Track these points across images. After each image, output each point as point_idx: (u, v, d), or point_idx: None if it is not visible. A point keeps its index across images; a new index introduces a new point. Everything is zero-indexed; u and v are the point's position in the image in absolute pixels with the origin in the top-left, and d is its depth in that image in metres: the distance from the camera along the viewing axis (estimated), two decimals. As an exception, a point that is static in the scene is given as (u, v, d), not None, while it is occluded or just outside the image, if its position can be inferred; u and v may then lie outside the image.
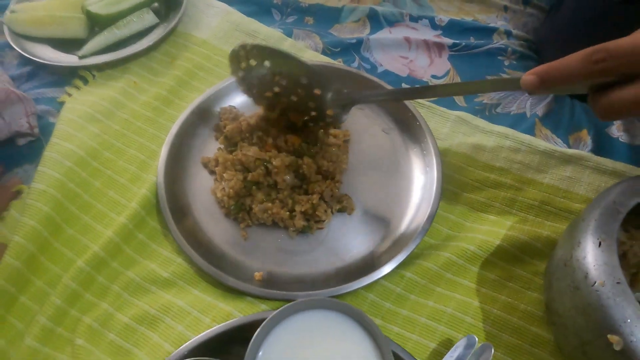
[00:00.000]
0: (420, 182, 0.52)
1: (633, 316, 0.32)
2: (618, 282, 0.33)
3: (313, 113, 0.50)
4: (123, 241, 0.47)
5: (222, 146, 0.55)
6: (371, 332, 0.36)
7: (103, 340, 0.42)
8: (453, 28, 0.68)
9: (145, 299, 0.45)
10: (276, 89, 0.49)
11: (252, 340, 0.35)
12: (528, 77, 0.35)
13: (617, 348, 0.32)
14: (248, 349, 0.34)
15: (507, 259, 0.47)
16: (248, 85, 0.51)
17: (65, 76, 0.62)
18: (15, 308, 0.43)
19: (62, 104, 0.59)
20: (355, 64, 0.64)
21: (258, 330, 0.35)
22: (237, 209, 0.49)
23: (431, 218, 0.48)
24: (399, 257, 0.45)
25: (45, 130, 0.57)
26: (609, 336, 0.32)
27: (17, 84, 0.61)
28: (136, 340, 0.43)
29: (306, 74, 0.46)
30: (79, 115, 0.56)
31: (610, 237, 0.36)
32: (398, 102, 0.57)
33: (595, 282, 0.34)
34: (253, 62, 0.48)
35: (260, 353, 0.36)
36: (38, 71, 0.63)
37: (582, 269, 0.35)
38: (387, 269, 0.45)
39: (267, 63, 0.47)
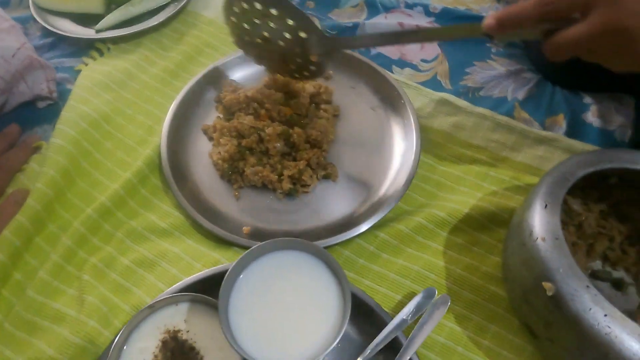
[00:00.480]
0: (400, 152, 0.56)
1: (566, 267, 0.36)
2: (556, 239, 0.37)
3: (298, 60, 0.53)
4: (128, 195, 0.53)
5: (221, 115, 0.60)
6: (336, 274, 0.40)
7: (106, 278, 0.48)
8: (446, 15, 0.72)
9: (144, 245, 0.50)
10: (265, 34, 0.52)
11: (231, 268, 0.40)
12: (488, 20, 0.39)
13: (549, 294, 0.36)
14: (226, 275, 0.39)
15: (474, 226, 0.51)
16: (240, 34, 0.54)
17: (82, 48, 0.67)
18: (31, 247, 0.49)
19: (78, 72, 0.64)
20: (351, 46, 0.69)
21: (236, 260, 0.40)
22: (230, 170, 0.54)
23: (407, 185, 0.52)
24: (374, 218, 0.50)
25: (63, 95, 0.62)
26: (543, 283, 0.36)
27: (40, 53, 0.66)
28: (135, 280, 0.48)
29: (293, 16, 0.49)
30: (94, 83, 0.62)
31: (555, 201, 0.40)
32: (377, 47, 0.66)
33: (537, 238, 0.38)
34: (245, 5, 0.50)
35: (237, 282, 0.41)
36: (58, 42, 0.68)
37: (529, 227, 0.39)
38: (362, 228, 0.49)
39: (257, 5, 0.50)
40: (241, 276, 0.41)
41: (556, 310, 0.36)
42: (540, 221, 0.39)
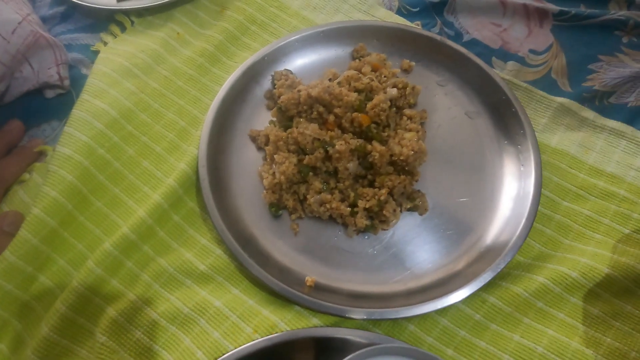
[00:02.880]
0: (513, 184, 0.42)
1: None
2: None
3: None
4: (156, 223, 0.41)
5: (274, 119, 0.47)
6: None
7: (129, 338, 0.37)
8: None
9: (177, 293, 0.39)
10: None
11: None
12: None
13: None
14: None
15: (616, 291, 0.38)
16: None
17: (101, 21, 0.54)
18: (33, 288, 0.38)
19: (96, 53, 0.51)
20: (437, 29, 0.54)
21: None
22: (277, 209, 0.42)
23: (525, 232, 0.39)
24: (483, 277, 0.37)
25: (77, 82, 0.50)
26: None
27: (48, 26, 0.53)
28: (165, 342, 0.37)
29: None
30: (113, 68, 0.48)
31: None
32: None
33: None
34: None
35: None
36: (72, 12, 0.55)
37: None
38: (466, 291, 0.37)
39: None
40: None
41: None
42: None
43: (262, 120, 0.48)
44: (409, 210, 0.42)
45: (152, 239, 0.41)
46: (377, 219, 0.41)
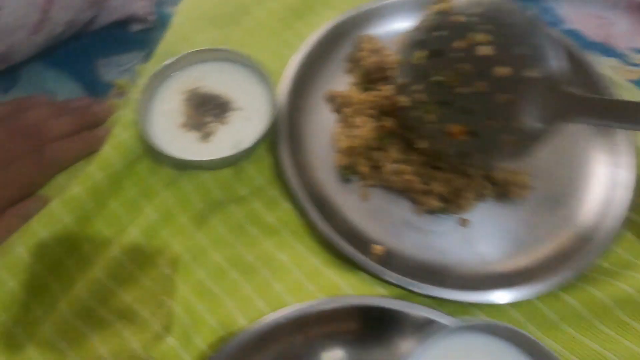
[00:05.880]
0: (603, 180, 0.40)
1: None
2: None
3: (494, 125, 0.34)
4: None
5: (355, 82, 0.45)
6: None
7: (192, 276, 0.37)
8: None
9: (242, 239, 0.38)
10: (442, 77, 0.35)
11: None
12: None
13: None
14: None
15: None
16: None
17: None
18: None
19: (182, -8, 0.51)
20: (534, 14, 0.50)
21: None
22: (350, 172, 0.41)
23: (612, 235, 0.37)
24: (563, 274, 0.35)
25: (160, 20, 0.50)
26: None
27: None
28: (227, 287, 0.36)
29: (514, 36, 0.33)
30: (198, 15, 0.48)
31: None
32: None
33: None
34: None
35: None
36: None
37: None
38: (544, 286, 0.35)
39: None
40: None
41: None
42: None
43: (339, 82, 0.46)
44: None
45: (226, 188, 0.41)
46: (454, 203, 0.39)
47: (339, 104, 0.44)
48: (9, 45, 0.43)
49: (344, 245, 0.37)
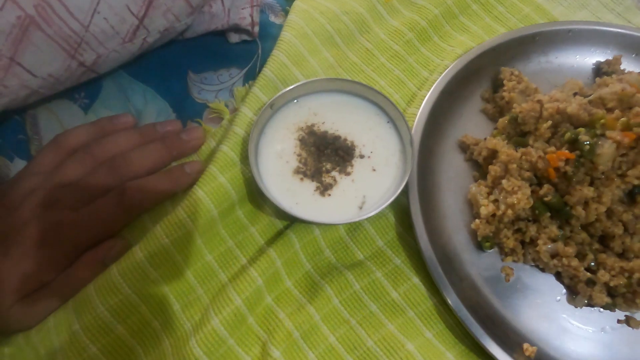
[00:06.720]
0: None
1: None
2: None
3: None
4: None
5: (499, 130, 0.38)
6: None
7: (302, 358, 0.31)
8: None
9: (359, 316, 0.32)
10: None
11: None
12: None
13: None
14: None
15: None
16: None
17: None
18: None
19: (290, 1, 0.44)
20: None
21: None
22: (491, 244, 0.34)
23: None
24: None
25: (263, 31, 0.43)
26: None
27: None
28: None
29: None
30: (313, 30, 0.41)
31: None
32: None
33: None
34: None
35: None
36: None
37: None
38: None
39: None
40: None
41: None
42: None
43: (474, 125, 0.39)
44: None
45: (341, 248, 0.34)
46: (623, 299, 0.32)
47: (477, 155, 0.37)
48: (100, 55, 0.37)
49: (486, 340, 0.30)
